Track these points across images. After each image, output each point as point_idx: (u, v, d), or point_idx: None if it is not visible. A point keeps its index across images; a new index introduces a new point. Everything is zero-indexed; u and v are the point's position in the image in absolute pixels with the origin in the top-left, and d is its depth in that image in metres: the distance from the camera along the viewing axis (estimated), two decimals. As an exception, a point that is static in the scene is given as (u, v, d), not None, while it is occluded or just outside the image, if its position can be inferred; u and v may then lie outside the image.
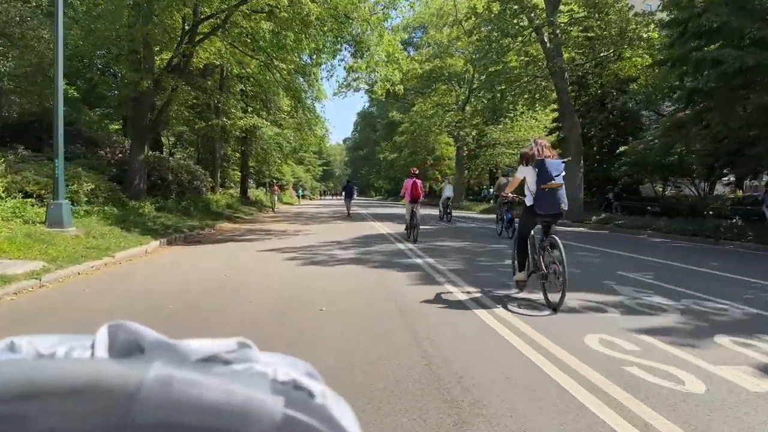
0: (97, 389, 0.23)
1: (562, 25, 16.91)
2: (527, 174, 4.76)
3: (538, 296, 4.83)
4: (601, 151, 23.09)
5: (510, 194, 6.20)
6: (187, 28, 13.08)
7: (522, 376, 2.85)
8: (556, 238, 4.55)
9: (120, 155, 15.25)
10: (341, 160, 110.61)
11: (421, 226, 10.60)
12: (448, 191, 17.16)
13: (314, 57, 16.55)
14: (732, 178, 19.75)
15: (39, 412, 0.23)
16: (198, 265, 7.08)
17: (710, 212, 15.21)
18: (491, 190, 41.48)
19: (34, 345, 0.29)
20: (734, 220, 12.27)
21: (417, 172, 11.01)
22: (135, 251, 7.87)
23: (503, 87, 19.56)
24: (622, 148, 19.39)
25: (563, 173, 4.63)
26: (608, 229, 14.49)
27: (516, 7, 18.02)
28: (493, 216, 15.09)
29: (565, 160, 4.84)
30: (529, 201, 4.76)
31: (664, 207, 18.37)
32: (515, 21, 18.73)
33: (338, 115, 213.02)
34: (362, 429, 0.29)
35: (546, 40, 18.55)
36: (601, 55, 18.97)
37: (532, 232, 4.98)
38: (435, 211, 25.24)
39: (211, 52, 16.93)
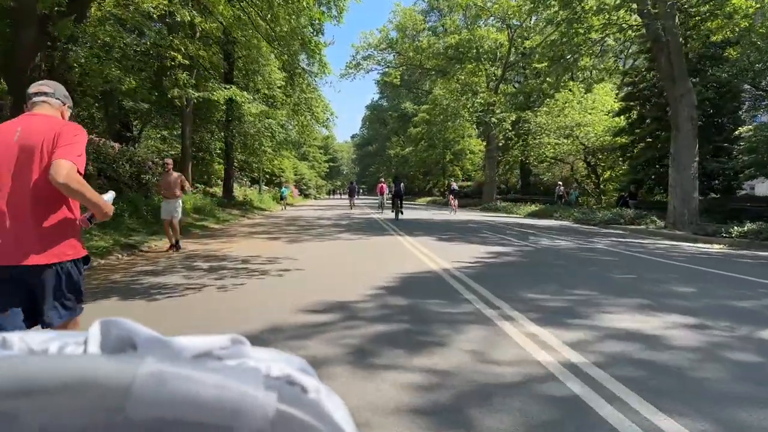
0: (89, 385, 0.23)
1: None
2: (393, 184, 19.25)
3: None
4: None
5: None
6: None
7: None
8: (401, 203, 18.09)
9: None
10: (348, 158, 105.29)
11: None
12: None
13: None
14: None
15: (30, 409, 0.22)
16: None
17: None
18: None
19: (26, 341, 0.29)
20: None
21: (383, 179, 28.03)
22: None
23: (577, 38, 13.91)
24: (743, 129, 13.83)
25: (402, 184, 18.92)
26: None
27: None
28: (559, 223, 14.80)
29: (401, 184, 18.90)
30: (393, 193, 19.02)
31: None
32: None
33: (345, 112, 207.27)
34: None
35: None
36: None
37: (397, 201, 18.04)
38: (486, 217, 19.71)
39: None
